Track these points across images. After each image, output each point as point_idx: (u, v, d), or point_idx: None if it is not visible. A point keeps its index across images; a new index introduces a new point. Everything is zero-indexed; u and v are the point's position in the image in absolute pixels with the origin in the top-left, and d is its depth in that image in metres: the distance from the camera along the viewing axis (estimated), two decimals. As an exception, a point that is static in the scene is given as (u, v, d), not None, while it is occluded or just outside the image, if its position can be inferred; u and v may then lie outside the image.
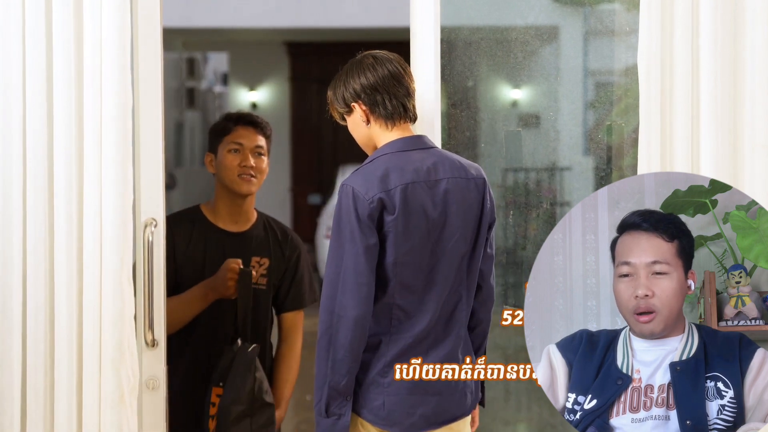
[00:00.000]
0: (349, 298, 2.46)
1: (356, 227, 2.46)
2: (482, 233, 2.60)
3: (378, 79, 2.57)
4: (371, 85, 2.57)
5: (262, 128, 3.34)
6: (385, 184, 2.49)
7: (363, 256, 2.46)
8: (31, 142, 2.78)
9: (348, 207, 2.48)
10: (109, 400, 2.77)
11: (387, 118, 2.58)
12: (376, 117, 2.58)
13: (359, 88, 2.57)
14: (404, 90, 2.59)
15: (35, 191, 2.78)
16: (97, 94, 2.78)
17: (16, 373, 2.77)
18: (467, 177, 2.59)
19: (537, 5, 3.52)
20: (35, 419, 2.77)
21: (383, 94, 2.57)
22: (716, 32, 2.83)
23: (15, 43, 2.78)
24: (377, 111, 2.58)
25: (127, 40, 2.78)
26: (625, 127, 3.40)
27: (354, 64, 2.61)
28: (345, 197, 2.50)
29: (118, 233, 2.77)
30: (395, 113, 2.58)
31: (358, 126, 2.62)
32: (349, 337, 2.46)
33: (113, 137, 2.77)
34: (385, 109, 2.57)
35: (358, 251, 2.46)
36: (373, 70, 2.58)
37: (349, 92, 2.59)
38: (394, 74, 2.59)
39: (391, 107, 2.57)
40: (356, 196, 2.48)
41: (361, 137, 2.63)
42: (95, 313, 2.77)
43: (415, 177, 2.52)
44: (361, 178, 2.51)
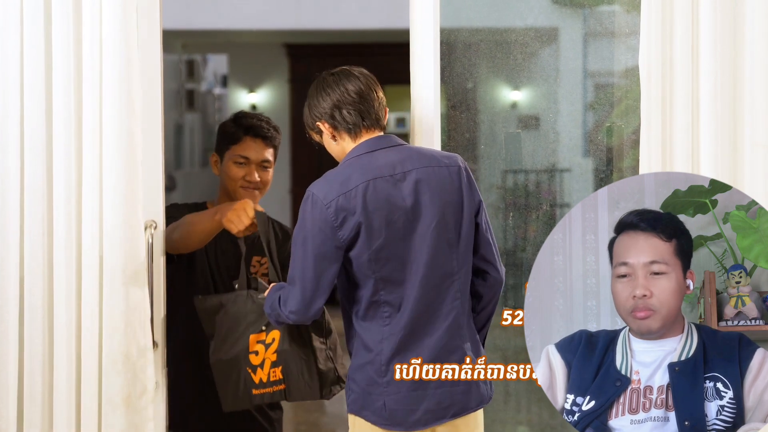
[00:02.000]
0: (291, 298, 2.58)
1: (309, 233, 2.54)
2: (466, 218, 2.61)
3: (338, 96, 2.63)
4: (332, 104, 2.63)
5: (271, 140, 3.29)
6: (345, 186, 2.54)
7: (311, 261, 2.53)
8: (29, 144, 2.77)
9: (304, 212, 2.57)
10: (109, 403, 2.77)
11: (350, 130, 2.64)
12: (340, 132, 2.65)
13: (321, 109, 2.65)
14: (366, 101, 2.64)
15: (33, 194, 2.77)
16: (96, 96, 2.78)
17: (12, 377, 2.76)
18: (439, 165, 2.60)
19: (536, 7, 3.52)
20: (33, 421, 2.77)
21: (343, 109, 2.62)
22: (716, 33, 2.84)
23: (13, 45, 2.77)
24: (340, 126, 2.64)
25: (130, 42, 2.77)
26: (625, 128, 3.40)
27: (315, 86, 2.70)
28: (305, 202, 2.59)
29: (121, 235, 2.76)
30: (357, 124, 2.63)
31: (329, 144, 2.69)
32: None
33: (114, 140, 2.77)
34: (347, 123, 2.63)
35: (307, 256, 2.54)
36: (331, 90, 2.64)
37: (313, 114, 2.67)
38: (355, 90, 2.63)
39: (353, 119, 2.63)
40: (314, 201, 2.56)
41: (335, 153, 2.70)
42: (95, 315, 2.77)
43: (377, 173, 2.55)
44: (323, 182, 2.59)
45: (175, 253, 3.04)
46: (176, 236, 2.99)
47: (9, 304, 2.76)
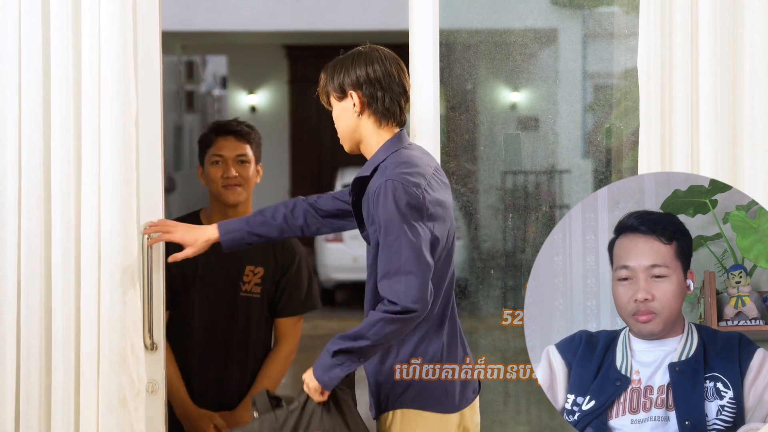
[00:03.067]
0: (409, 287, 2.43)
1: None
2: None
3: (383, 75, 2.54)
4: (376, 78, 2.54)
5: (242, 135, 3.29)
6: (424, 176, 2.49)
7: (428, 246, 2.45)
8: (27, 146, 2.77)
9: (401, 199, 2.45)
10: (107, 404, 2.77)
11: (382, 115, 2.55)
12: (371, 112, 2.56)
13: (363, 77, 2.54)
14: (404, 93, 2.58)
15: (31, 195, 2.77)
16: (95, 97, 2.77)
17: (9, 378, 2.76)
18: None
19: (536, 8, 3.52)
20: (30, 423, 2.77)
21: (384, 91, 2.54)
22: (715, 34, 2.84)
23: (12, 46, 2.77)
24: (374, 106, 2.55)
25: (129, 43, 2.77)
26: (624, 129, 3.40)
27: (359, 54, 2.58)
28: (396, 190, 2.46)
29: (119, 237, 2.76)
30: (391, 114, 2.56)
31: (346, 115, 2.57)
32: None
33: (111, 141, 2.77)
34: (383, 106, 2.54)
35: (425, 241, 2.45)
36: (380, 64, 2.55)
37: (350, 78, 2.55)
38: (397, 75, 2.56)
39: (389, 106, 2.55)
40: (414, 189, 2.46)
41: (347, 128, 2.58)
42: (93, 317, 2.77)
43: (433, 171, 2.54)
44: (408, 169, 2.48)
45: None
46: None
47: (6, 305, 2.76)
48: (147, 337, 2.82)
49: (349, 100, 2.55)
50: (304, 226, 2.78)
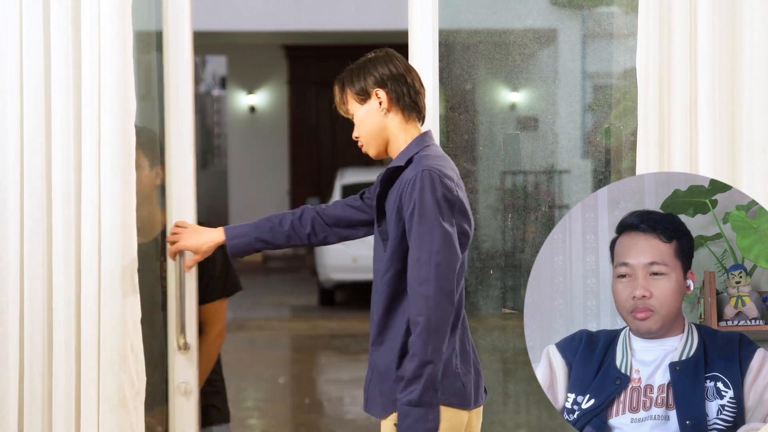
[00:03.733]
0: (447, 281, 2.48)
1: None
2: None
3: (404, 71, 2.59)
4: (400, 74, 2.58)
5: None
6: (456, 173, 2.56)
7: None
8: (29, 146, 2.77)
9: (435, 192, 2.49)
10: (108, 404, 2.77)
11: (409, 109, 2.59)
12: (398, 107, 2.59)
13: (387, 75, 2.57)
14: (422, 89, 2.62)
15: (32, 196, 2.77)
16: (95, 98, 2.77)
17: (12, 379, 2.76)
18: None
19: (535, 8, 3.52)
20: (32, 422, 2.77)
21: (408, 86, 2.58)
22: (714, 34, 2.84)
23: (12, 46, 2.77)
24: (401, 101, 2.58)
25: (128, 43, 2.78)
26: (624, 129, 3.40)
27: (376, 57, 2.62)
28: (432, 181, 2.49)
29: (118, 238, 2.76)
30: (417, 107, 2.60)
31: (373, 115, 2.60)
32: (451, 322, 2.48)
33: (112, 142, 2.77)
34: (410, 99, 2.58)
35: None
36: (399, 62, 2.60)
37: (372, 78, 2.58)
38: (413, 72, 2.62)
39: (414, 99, 2.59)
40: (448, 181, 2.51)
41: (374, 129, 2.61)
42: (94, 317, 2.77)
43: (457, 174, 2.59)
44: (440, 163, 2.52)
45: None
46: None
47: (9, 306, 2.76)
48: (180, 337, 2.83)
49: (374, 100, 2.59)
50: (311, 234, 2.80)
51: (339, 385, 7.62)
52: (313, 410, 6.87)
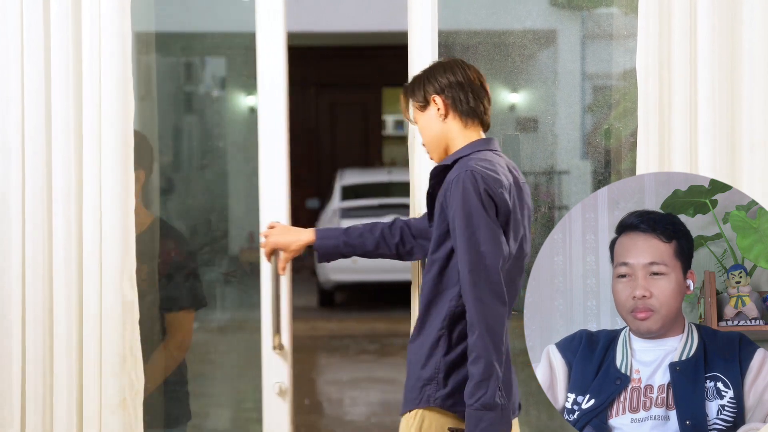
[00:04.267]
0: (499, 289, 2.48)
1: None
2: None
3: (465, 79, 2.61)
4: (458, 82, 2.60)
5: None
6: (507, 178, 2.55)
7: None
8: (30, 146, 2.78)
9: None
10: (108, 405, 2.77)
11: (466, 115, 2.61)
12: (455, 113, 2.61)
13: (445, 83, 2.60)
14: (486, 95, 2.65)
15: (33, 197, 2.77)
16: (96, 98, 2.78)
17: (15, 379, 2.76)
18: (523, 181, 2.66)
19: (535, 9, 3.52)
20: (34, 423, 2.77)
21: (466, 92, 2.60)
22: (714, 35, 2.84)
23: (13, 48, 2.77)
24: (458, 107, 2.60)
25: (128, 43, 2.78)
26: (623, 130, 3.40)
27: (441, 64, 2.66)
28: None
29: (119, 238, 2.76)
30: (475, 112, 2.61)
31: (432, 122, 2.62)
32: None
33: (112, 140, 2.77)
34: (467, 105, 2.60)
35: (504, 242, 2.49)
36: (460, 69, 2.62)
37: (432, 86, 2.61)
38: (477, 78, 2.64)
39: (473, 105, 2.61)
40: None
41: (434, 135, 2.63)
42: (95, 318, 2.77)
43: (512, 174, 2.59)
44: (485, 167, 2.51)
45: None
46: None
47: (12, 306, 2.76)
48: (275, 338, 2.83)
49: (433, 106, 2.62)
50: (399, 244, 2.80)
51: (339, 386, 7.62)
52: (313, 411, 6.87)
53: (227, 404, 3.68)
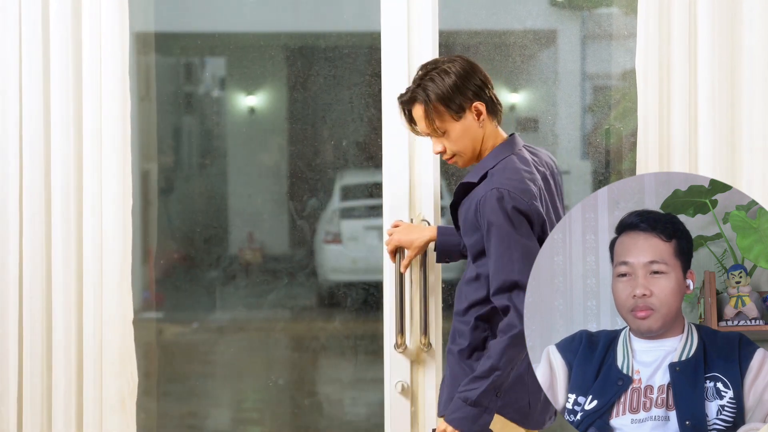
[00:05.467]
0: (520, 303, 2.49)
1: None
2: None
3: (483, 77, 2.57)
4: (483, 83, 2.55)
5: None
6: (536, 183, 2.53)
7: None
8: (28, 145, 2.78)
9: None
10: (108, 405, 2.77)
11: (495, 114, 2.59)
12: (489, 114, 2.57)
13: (474, 87, 2.53)
14: (492, 87, 2.61)
15: (31, 196, 2.78)
16: (96, 98, 2.78)
17: (12, 380, 2.76)
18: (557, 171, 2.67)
19: (535, 9, 3.53)
20: (32, 423, 2.77)
21: (490, 90, 2.57)
22: (713, 35, 2.84)
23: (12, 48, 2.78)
24: (492, 108, 2.57)
25: (126, 43, 2.78)
26: (623, 130, 3.40)
27: (464, 68, 2.55)
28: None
29: (117, 237, 2.77)
30: (499, 107, 2.59)
31: (470, 129, 2.56)
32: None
33: (111, 141, 2.77)
34: (495, 103, 2.58)
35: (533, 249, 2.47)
36: (477, 70, 2.56)
37: (470, 93, 2.53)
38: (484, 71, 2.60)
39: (497, 102, 2.59)
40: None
41: (472, 141, 2.58)
42: (95, 318, 2.77)
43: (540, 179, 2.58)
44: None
45: None
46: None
47: (9, 306, 2.76)
48: (398, 337, 2.83)
49: (470, 113, 2.54)
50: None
51: (339, 387, 7.61)
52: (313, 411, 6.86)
53: (227, 404, 3.67)
